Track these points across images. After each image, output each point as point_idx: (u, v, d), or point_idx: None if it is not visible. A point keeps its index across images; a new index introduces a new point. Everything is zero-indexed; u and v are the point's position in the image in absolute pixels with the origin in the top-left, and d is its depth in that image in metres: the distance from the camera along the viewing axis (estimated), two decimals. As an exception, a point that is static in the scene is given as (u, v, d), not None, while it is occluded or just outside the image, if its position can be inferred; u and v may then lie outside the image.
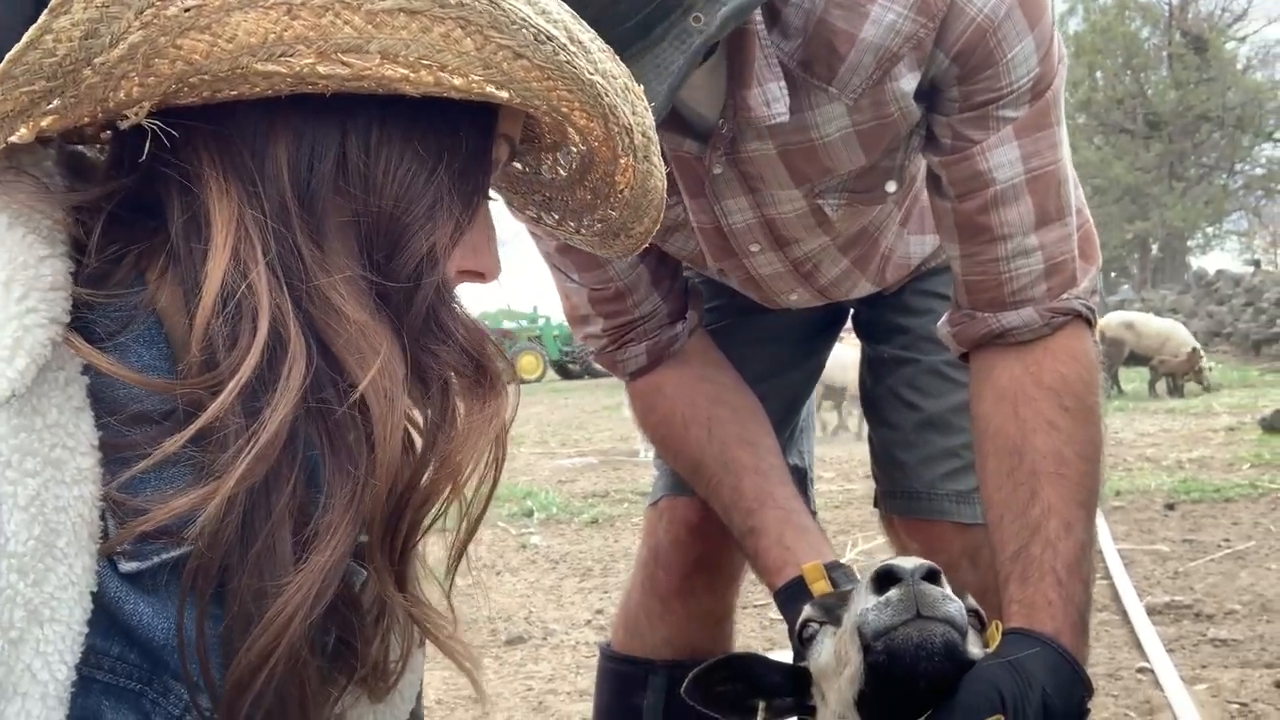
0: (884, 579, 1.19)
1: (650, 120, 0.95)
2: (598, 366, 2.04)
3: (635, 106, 0.92)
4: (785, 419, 2.13)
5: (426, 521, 0.94)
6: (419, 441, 0.94)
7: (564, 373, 28.76)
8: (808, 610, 1.42)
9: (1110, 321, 17.35)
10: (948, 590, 1.22)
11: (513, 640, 4.98)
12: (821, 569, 1.55)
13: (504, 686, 4.40)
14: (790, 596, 1.61)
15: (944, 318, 1.75)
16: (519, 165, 1.12)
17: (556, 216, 1.15)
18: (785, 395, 2.15)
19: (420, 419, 0.94)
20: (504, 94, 0.84)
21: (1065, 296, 1.62)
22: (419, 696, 1.31)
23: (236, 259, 0.84)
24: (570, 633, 5.03)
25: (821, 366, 2.31)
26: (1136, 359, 17.50)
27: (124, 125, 0.82)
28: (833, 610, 1.35)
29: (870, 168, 1.66)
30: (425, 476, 0.91)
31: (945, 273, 2.14)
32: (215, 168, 0.85)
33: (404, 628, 1.02)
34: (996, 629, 1.38)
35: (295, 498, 0.85)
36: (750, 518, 1.77)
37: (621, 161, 0.95)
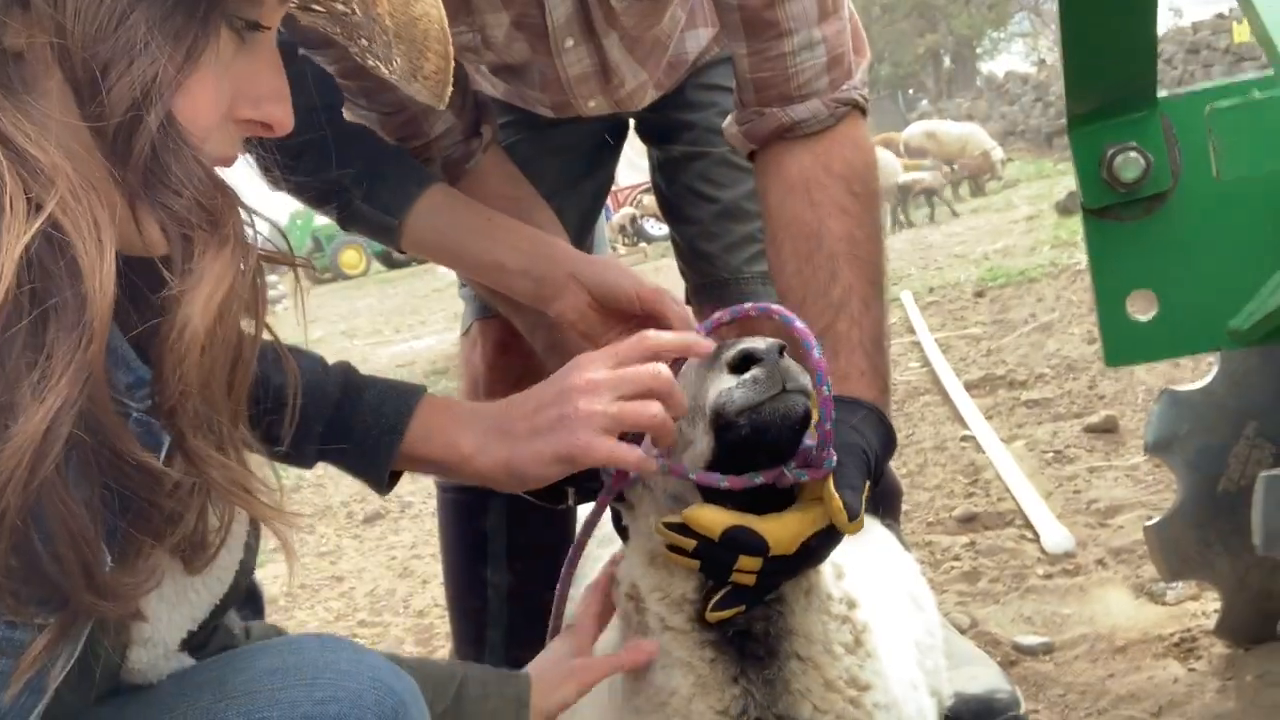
0: (744, 361, 1.21)
1: None
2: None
3: None
4: (581, 233, 2.15)
5: (191, 380, 0.90)
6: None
7: (389, 263, 28.10)
8: None
9: (912, 133, 17.89)
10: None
11: (370, 518, 4.98)
12: None
13: (366, 560, 4.42)
14: None
15: (729, 118, 1.78)
16: (327, 5, 1.05)
17: (373, 63, 1.10)
18: (580, 208, 2.16)
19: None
20: None
21: (845, 88, 1.67)
22: (250, 574, 1.29)
23: None
24: (427, 502, 5.04)
25: (610, 179, 2.32)
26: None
27: None
28: None
29: None
30: (173, 334, 0.88)
31: (721, 65, 2.16)
32: None
33: (221, 497, 0.99)
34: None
35: (28, 349, 0.81)
36: (551, 332, 1.80)
37: None
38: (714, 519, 1.24)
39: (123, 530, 0.90)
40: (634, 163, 2.71)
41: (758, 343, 1.21)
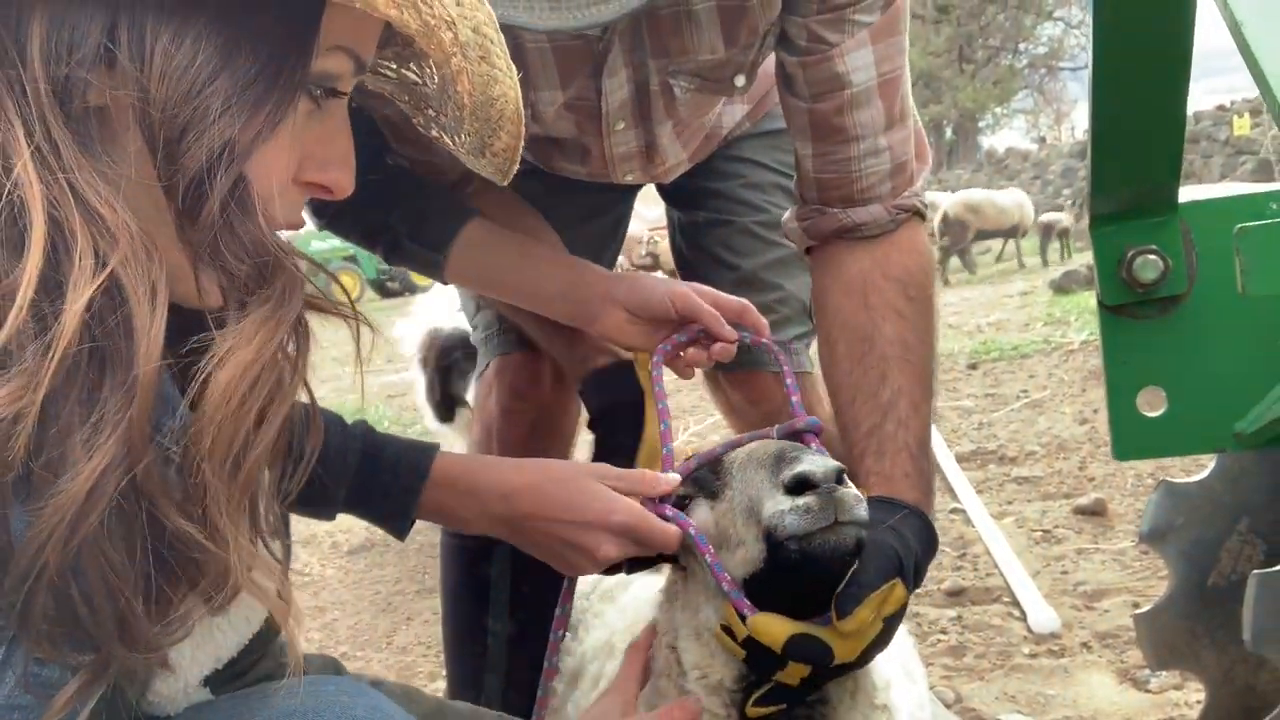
0: (799, 484, 1.18)
1: (485, 17, 0.91)
2: (417, 282, 2.03)
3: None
4: None
5: (215, 445, 0.88)
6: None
7: (383, 291, 28.16)
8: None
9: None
10: (855, 489, 1.22)
11: (355, 550, 4.97)
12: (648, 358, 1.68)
13: (350, 593, 4.41)
14: (605, 381, 1.76)
15: (789, 212, 1.82)
16: (398, 73, 1.08)
17: (438, 133, 1.11)
18: (594, 243, 2.17)
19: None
20: None
21: (906, 194, 1.72)
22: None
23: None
24: (413, 537, 5.02)
25: (627, 218, 2.34)
26: (982, 235, 18.18)
27: None
28: (705, 484, 1.39)
29: (725, 60, 1.70)
30: (206, 392, 0.87)
31: (750, 139, 2.21)
32: None
33: (234, 580, 0.96)
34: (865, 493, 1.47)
35: (82, 404, 0.81)
36: (586, 364, 1.83)
37: (454, 61, 0.91)
38: (777, 630, 1.22)
39: (158, 580, 0.90)
40: (639, 214, 2.73)
41: (815, 466, 1.18)
